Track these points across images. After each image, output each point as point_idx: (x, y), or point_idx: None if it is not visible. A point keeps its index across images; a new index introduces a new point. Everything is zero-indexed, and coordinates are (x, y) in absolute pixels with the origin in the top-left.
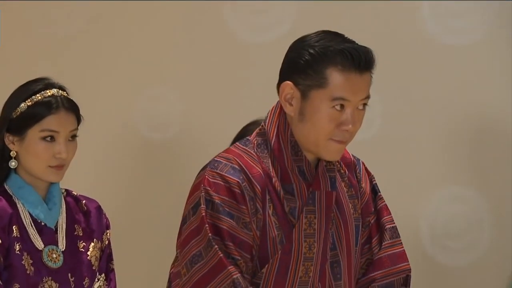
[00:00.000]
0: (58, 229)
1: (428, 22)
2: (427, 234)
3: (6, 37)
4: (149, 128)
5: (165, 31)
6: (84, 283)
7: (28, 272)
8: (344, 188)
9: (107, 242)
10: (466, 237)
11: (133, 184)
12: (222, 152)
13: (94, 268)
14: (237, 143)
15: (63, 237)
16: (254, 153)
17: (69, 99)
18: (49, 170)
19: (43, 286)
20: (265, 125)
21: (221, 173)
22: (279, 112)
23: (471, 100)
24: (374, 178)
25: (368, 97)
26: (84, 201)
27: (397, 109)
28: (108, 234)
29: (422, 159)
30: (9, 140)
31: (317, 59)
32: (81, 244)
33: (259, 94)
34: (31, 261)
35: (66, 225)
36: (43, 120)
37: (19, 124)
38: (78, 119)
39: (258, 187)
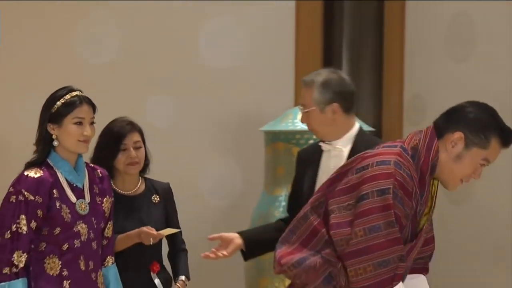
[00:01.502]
0: (84, 188)
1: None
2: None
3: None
4: None
5: None
6: (100, 225)
7: (66, 219)
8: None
9: (113, 198)
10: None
11: None
12: (392, 151)
13: (106, 215)
14: (400, 146)
15: (87, 193)
16: (411, 163)
17: (87, 97)
18: (79, 144)
19: (77, 227)
20: (418, 143)
21: (403, 174)
22: (436, 145)
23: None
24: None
25: None
26: (99, 170)
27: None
28: (112, 193)
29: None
30: (51, 128)
31: (491, 130)
32: (98, 199)
33: None
34: (68, 211)
35: (88, 185)
36: (74, 111)
37: (57, 116)
38: (94, 110)
39: (415, 189)
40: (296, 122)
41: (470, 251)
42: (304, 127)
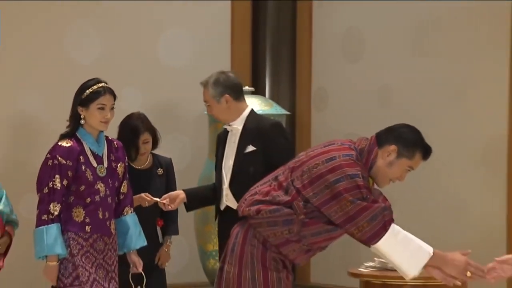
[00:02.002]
0: (103, 156)
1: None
2: None
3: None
4: None
5: None
6: (115, 185)
7: (89, 179)
8: None
9: (126, 163)
10: None
11: None
12: (344, 148)
13: (120, 177)
14: (349, 145)
15: (105, 160)
16: (358, 160)
17: (110, 88)
18: (101, 124)
19: (97, 185)
20: (364, 147)
21: (360, 164)
22: (376, 151)
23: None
24: None
25: None
26: (115, 142)
27: None
28: (126, 159)
29: None
30: (80, 110)
31: (417, 147)
32: (114, 164)
33: None
34: (90, 173)
35: (107, 154)
36: (98, 99)
37: (86, 102)
38: (115, 98)
39: (365, 175)
40: None
41: None
42: None
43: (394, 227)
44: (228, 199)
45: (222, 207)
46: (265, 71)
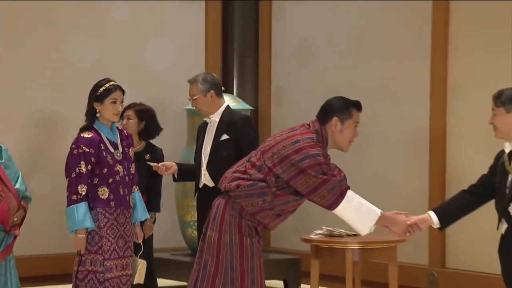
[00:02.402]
0: (118, 143)
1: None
2: None
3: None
4: None
5: None
6: (130, 166)
7: (110, 163)
8: None
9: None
10: None
11: None
12: (306, 132)
13: (131, 159)
14: (309, 129)
15: (119, 146)
16: (318, 141)
17: (119, 85)
18: (114, 116)
19: (116, 167)
20: (318, 129)
21: (319, 144)
22: (324, 129)
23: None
24: None
25: None
26: (125, 131)
27: None
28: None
29: None
30: (96, 105)
31: (348, 106)
32: (126, 149)
33: None
34: (110, 158)
35: (120, 141)
36: (111, 95)
37: (100, 98)
38: (123, 93)
39: (323, 152)
40: None
41: None
42: None
43: (349, 195)
44: (205, 178)
45: (201, 185)
46: (233, 73)
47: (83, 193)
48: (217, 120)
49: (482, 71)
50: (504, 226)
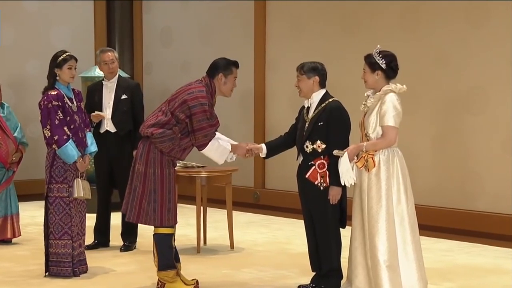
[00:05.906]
0: (72, 98)
1: None
2: None
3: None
4: None
5: None
6: (82, 115)
7: (71, 113)
8: None
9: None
10: None
11: None
12: (199, 86)
13: (83, 110)
14: (201, 83)
15: (74, 100)
16: (208, 90)
17: (74, 55)
18: (70, 78)
19: (74, 117)
20: (208, 82)
21: (208, 95)
22: (213, 82)
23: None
24: None
25: None
26: (75, 89)
27: None
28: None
29: None
30: (56, 70)
31: (229, 64)
32: (78, 103)
33: None
34: (70, 109)
35: (74, 97)
36: (68, 62)
37: (59, 64)
38: (76, 61)
39: (211, 101)
40: (96, 72)
41: None
42: (97, 73)
43: (213, 142)
44: (108, 125)
45: (102, 131)
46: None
47: (69, 133)
48: (116, 83)
49: (290, 52)
50: (301, 158)
